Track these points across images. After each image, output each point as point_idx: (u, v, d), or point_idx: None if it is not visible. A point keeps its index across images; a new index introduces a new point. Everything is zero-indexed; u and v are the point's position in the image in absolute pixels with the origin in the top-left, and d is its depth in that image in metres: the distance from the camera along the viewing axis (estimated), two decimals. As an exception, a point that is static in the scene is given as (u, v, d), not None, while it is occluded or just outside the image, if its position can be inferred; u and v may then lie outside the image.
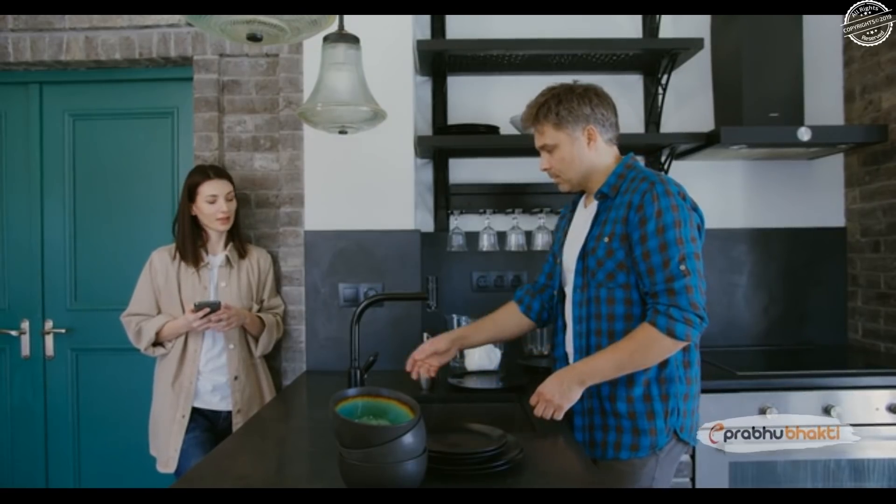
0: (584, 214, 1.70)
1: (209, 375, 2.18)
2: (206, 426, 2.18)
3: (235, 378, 2.19)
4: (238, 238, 2.30)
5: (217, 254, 2.26)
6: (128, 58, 2.50)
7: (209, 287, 2.20)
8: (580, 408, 1.60)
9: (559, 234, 1.80)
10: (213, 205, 2.17)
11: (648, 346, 1.48)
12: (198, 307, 2.05)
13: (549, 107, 1.63)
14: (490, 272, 2.62)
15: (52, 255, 2.65)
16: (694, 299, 1.46)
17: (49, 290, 2.65)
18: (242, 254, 2.29)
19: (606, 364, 1.51)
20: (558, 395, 1.52)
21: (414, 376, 1.79)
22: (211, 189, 2.17)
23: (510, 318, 1.87)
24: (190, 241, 2.19)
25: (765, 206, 2.68)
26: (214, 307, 2.06)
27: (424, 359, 1.77)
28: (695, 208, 1.58)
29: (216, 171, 2.23)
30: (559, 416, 1.53)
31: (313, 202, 2.37)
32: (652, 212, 1.50)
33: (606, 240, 1.57)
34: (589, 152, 1.64)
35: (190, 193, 2.19)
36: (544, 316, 1.85)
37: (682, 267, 1.47)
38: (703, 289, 1.50)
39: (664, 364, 1.53)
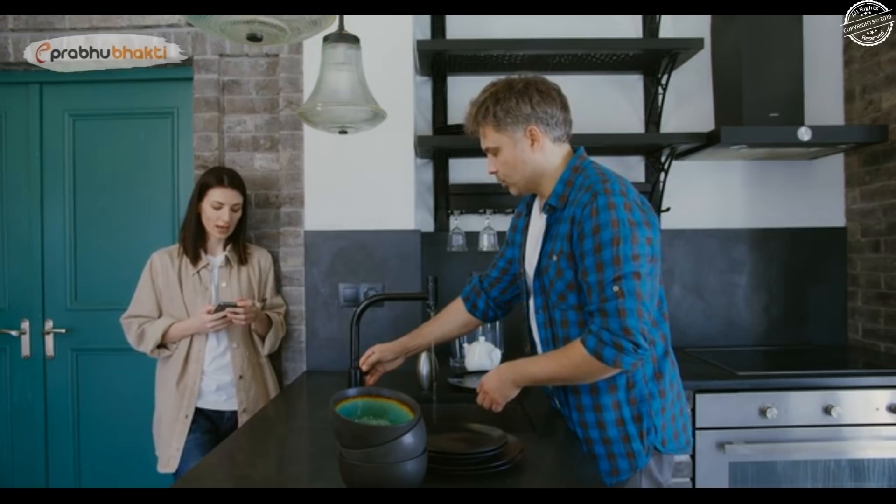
0: (539, 223, 1.59)
1: (213, 375, 2.18)
2: (209, 427, 2.18)
3: (240, 377, 2.19)
4: (241, 242, 2.29)
5: (217, 255, 2.26)
6: (128, 58, 2.51)
7: (210, 287, 2.20)
8: None
9: (518, 236, 1.71)
10: (218, 211, 2.17)
11: (578, 366, 1.40)
12: (219, 308, 2.06)
13: (486, 107, 1.51)
14: (490, 272, 2.62)
15: (52, 255, 2.65)
16: (627, 324, 1.33)
17: (49, 290, 2.65)
18: (243, 259, 2.28)
19: (541, 373, 1.48)
20: (494, 390, 1.52)
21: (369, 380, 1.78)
22: (219, 196, 2.17)
23: (456, 318, 1.83)
24: (192, 238, 2.20)
25: (765, 206, 2.68)
26: (232, 306, 2.08)
27: (370, 367, 1.76)
28: (649, 219, 1.45)
29: (232, 179, 2.21)
30: (498, 409, 1.54)
31: (313, 202, 2.37)
32: (589, 228, 1.39)
33: (555, 258, 1.48)
34: (533, 154, 1.51)
35: (200, 192, 2.20)
36: (490, 314, 1.81)
37: (616, 288, 1.35)
38: (646, 311, 1.36)
39: (632, 384, 1.46)
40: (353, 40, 1.57)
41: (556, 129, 1.52)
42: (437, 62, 2.51)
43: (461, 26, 2.64)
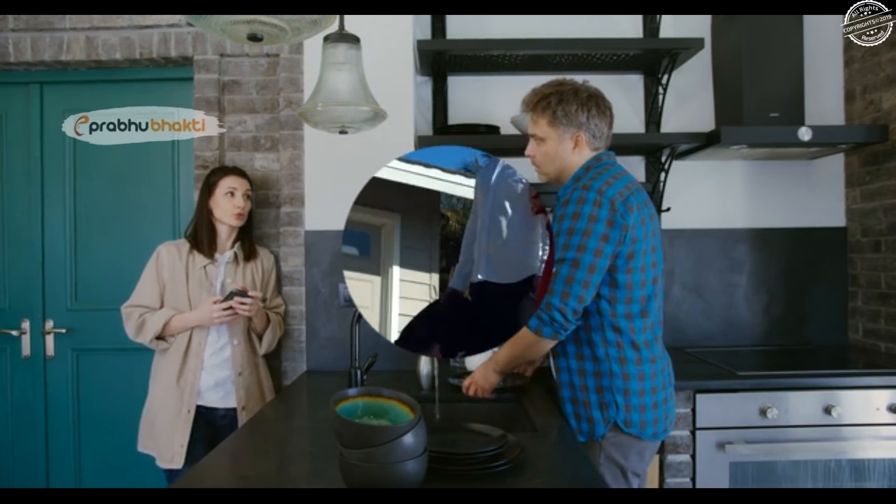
0: None
1: (212, 370, 2.17)
2: (207, 423, 2.18)
3: (239, 374, 2.19)
4: (249, 240, 2.30)
5: (225, 251, 2.26)
6: (128, 58, 2.50)
7: (215, 283, 2.20)
8: None
9: None
10: (233, 198, 2.20)
11: (520, 337, 1.63)
12: (228, 296, 2.06)
13: (548, 102, 1.68)
14: (490, 272, 2.62)
15: (52, 254, 2.65)
16: (550, 301, 1.55)
17: (49, 289, 2.65)
18: (251, 255, 2.29)
19: (504, 355, 1.72)
20: (480, 379, 1.79)
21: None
22: (232, 182, 2.21)
23: None
24: (206, 234, 2.20)
25: (765, 206, 2.68)
26: (242, 294, 2.08)
27: None
28: (614, 219, 1.55)
29: (238, 170, 2.29)
30: (485, 395, 1.80)
31: (313, 202, 2.37)
32: (557, 215, 1.61)
33: None
34: (571, 155, 1.70)
35: (210, 186, 2.21)
36: None
37: (553, 269, 1.55)
38: (573, 295, 1.54)
39: (596, 359, 1.62)
40: (354, 40, 1.57)
41: (598, 141, 1.71)
42: (438, 62, 2.50)
43: (461, 26, 2.64)
